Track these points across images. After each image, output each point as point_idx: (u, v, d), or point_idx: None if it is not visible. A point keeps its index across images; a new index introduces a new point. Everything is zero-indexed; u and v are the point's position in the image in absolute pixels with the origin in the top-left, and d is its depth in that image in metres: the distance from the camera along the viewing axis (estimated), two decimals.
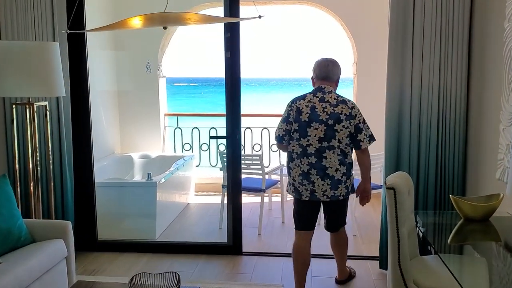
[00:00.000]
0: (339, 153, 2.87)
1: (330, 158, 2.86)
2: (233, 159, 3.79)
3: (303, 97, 2.94)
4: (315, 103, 2.88)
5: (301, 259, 3.04)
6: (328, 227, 3.21)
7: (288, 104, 2.98)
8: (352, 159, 3.00)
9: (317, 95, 2.92)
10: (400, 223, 2.29)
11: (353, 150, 2.99)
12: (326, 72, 2.96)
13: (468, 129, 3.28)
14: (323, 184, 2.88)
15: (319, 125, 2.84)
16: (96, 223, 3.97)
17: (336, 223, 3.18)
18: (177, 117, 6.17)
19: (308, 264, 3.08)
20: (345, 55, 6.09)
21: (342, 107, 2.86)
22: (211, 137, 3.74)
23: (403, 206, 2.30)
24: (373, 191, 4.45)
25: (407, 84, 3.27)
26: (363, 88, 5.56)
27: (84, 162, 3.86)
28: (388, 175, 3.22)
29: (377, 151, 4.47)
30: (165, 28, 2.14)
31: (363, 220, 4.75)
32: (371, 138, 2.97)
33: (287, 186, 3.07)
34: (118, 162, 5.52)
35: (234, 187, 3.85)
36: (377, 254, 3.82)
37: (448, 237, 2.50)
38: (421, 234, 2.48)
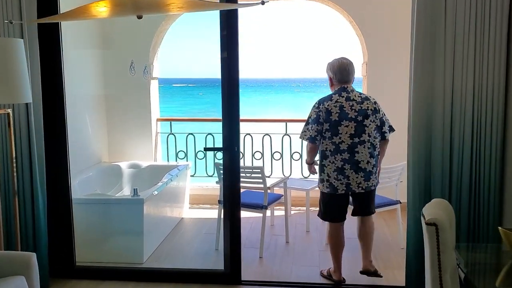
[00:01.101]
0: (369, 146, 3.11)
1: (362, 152, 3.08)
2: (231, 174, 3.29)
3: (329, 98, 3.12)
4: (342, 102, 3.08)
5: (338, 244, 3.33)
6: (361, 212, 3.36)
7: (314, 106, 3.15)
8: (378, 151, 3.23)
9: (342, 95, 3.11)
10: (444, 269, 1.79)
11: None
12: (347, 75, 3.16)
13: (506, 142, 2.77)
14: (357, 177, 3.10)
15: (349, 123, 3.05)
16: (73, 246, 3.47)
17: (368, 208, 3.36)
18: (170, 122, 5.65)
19: (343, 246, 3.38)
20: (354, 54, 5.60)
21: (367, 103, 3.12)
22: (206, 149, 3.27)
23: (447, 248, 1.80)
24: (388, 207, 4.05)
25: (438, 90, 2.78)
26: (374, 91, 5.05)
27: (60, 177, 3.37)
28: (417, 201, 2.78)
29: (393, 163, 3.99)
30: (139, 17, 1.64)
31: (377, 238, 4.23)
32: (391, 129, 3.30)
33: (320, 183, 3.24)
34: (104, 173, 5.01)
35: (231, 205, 3.35)
36: (395, 282, 3.37)
37: (496, 279, 2.02)
38: (463, 276, 1.99)
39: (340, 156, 3.08)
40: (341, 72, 3.16)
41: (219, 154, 4.97)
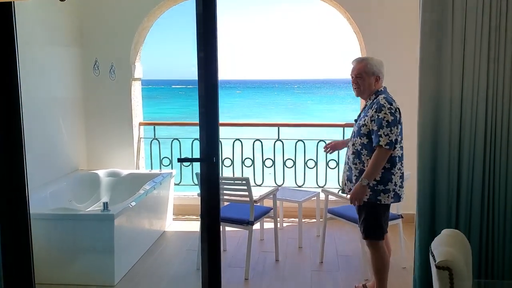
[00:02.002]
0: None
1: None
2: (209, 188, 2.88)
3: (393, 99, 2.84)
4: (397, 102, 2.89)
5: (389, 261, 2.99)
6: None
7: (387, 107, 2.75)
8: None
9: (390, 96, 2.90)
10: None
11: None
12: None
13: None
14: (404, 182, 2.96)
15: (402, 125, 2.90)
16: (32, 267, 3.05)
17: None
18: (154, 127, 5.24)
19: None
20: (351, 53, 5.20)
21: None
22: (180, 160, 2.86)
23: None
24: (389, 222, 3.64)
25: (445, 96, 2.40)
26: None
27: (15, 189, 2.96)
28: (423, 219, 2.39)
29: None
30: None
31: None
32: None
33: (382, 195, 2.80)
34: (81, 182, 4.61)
35: (210, 222, 2.94)
36: None
37: None
38: None
39: (403, 161, 2.90)
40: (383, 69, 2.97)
41: None
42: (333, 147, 3.36)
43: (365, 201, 2.83)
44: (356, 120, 3.03)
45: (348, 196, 2.95)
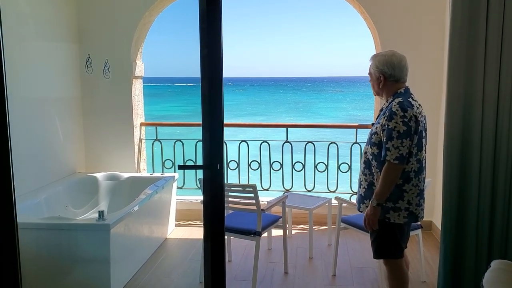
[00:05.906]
0: None
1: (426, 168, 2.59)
2: (212, 197, 2.62)
3: (411, 104, 2.45)
4: (419, 108, 2.50)
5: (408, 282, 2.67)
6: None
7: (400, 116, 2.38)
8: None
9: (414, 98, 2.53)
10: None
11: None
12: (407, 73, 2.55)
13: None
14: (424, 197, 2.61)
15: (425, 133, 2.53)
16: (20, 280, 2.82)
17: None
18: (156, 127, 4.98)
19: None
20: (365, 49, 4.91)
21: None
22: (180, 167, 2.60)
23: None
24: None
25: (477, 93, 2.12)
26: None
27: (1, 198, 2.72)
28: (448, 242, 2.12)
29: None
30: None
31: None
32: None
33: (391, 213, 2.48)
34: (78, 185, 4.36)
35: (214, 234, 2.68)
36: None
37: None
38: None
39: (422, 176, 2.52)
40: (401, 68, 2.52)
41: None
42: None
43: None
44: (373, 124, 2.72)
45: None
